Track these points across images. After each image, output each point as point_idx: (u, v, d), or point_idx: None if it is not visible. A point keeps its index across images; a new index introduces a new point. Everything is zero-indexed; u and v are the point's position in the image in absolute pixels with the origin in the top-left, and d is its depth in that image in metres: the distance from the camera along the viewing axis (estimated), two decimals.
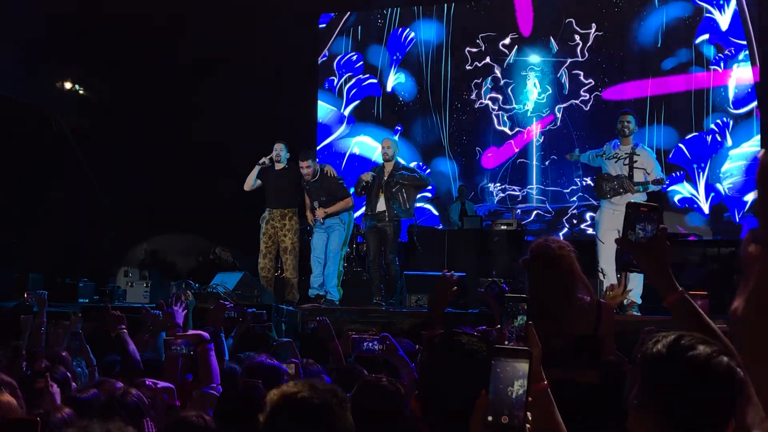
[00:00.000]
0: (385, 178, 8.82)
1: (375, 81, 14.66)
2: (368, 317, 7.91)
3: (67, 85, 13.12)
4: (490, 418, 1.61)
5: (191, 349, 3.84)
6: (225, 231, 11.67)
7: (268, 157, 9.17)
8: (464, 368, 2.09)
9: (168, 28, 12.74)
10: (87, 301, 9.43)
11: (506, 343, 2.04)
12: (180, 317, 4.38)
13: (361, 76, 14.77)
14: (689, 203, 12.57)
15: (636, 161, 8.36)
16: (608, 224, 8.31)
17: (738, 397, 1.71)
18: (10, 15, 11.43)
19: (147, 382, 3.48)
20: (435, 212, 13.82)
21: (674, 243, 10.38)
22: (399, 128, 14.34)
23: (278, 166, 9.27)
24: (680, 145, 12.71)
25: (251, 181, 9.17)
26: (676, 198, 12.58)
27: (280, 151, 9.23)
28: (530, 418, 1.63)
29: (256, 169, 9.17)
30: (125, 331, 4.60)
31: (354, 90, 14.79)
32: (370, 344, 4.28)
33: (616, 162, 8.44)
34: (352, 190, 9.37)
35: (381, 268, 8.89)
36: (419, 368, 2.41)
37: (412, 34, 14.52)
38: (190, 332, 4.00)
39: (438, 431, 2.13)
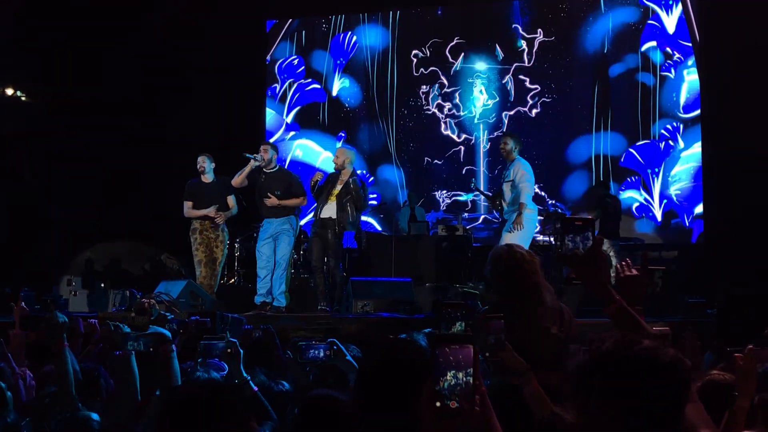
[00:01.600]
0: (339, 187, 8.80)
1: (319, 86, 14.57)
2: (314, 323, 7.89)
3: (9, 91, 12.93)
4: (438, 404, 1.63)
5: (150, 347, 3.74)
6: (171, 238, 11.60)
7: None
8: (399, 375, 2.13)
9: (111, 32, 12.63)
10: (28, 310, 9.24)
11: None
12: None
13: (303, 80, 14.67)
14: (645, 211, 12.75)
15: (507, 176, 8.58)
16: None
17: (688, 386, 1.74)
18: None
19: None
20: (378, 227, 13.70)
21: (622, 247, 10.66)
22: (343, 135, 14.29)
23: (205, 179, 9.24)
24: (631, 150, 12.89)
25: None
26: (635, 206, 12.74)
27: (203, 163, 9.22)
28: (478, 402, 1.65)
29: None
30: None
31: (297, 95, 14.68)
32: (316, 351, 4.33)
33: (503, 186, 8.66)
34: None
35: (325, 274, 8.93)
36: (356, 376, 2.47)
37: (355, 38, 14.50)
38: (151, 330, 3.90)
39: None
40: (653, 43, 12.95)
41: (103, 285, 10.75)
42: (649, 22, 13.00)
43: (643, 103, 12.88)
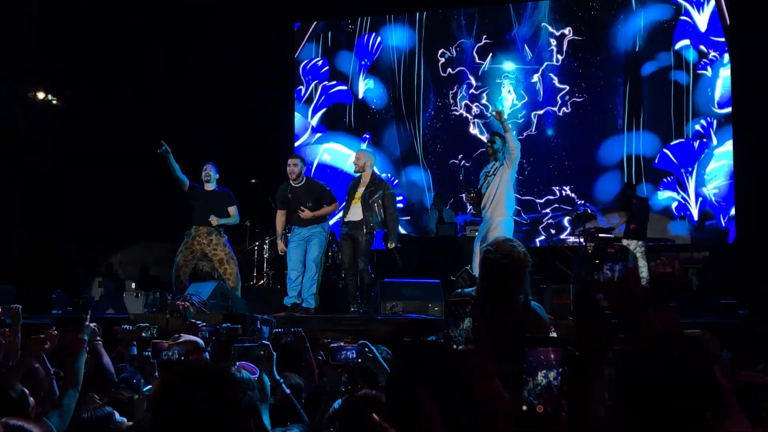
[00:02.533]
0: (362, 189, 8.88)
1: (345, 88, 14.60)
2: (342, 325, 7.93)
3: (40, 95, 13.14)
4: (524, 408, 1.62)
5: (182, 356, 3.80)
6: None
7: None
8: (426, 376, 2.16)
9: (139, 34, 12.79)
10: (60, 312, 9.39)
11: (454, 347, 2.05)
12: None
13: (327, 82, 14.69)
14: (683, 210, 12.62)
15: (490, 172, 8.58)
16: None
17: (715, 393, 1.72)
18: None
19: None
20: (402, 229, 13.47)
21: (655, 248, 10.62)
22: (367, 136, 14.28)
23: (208, 188, 9.37)
24: (665, 150, 12.79)
25: (178, 175, 9.27)
26: (674, 206, 12.64)
27: (209, 171, 9.35)
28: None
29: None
30: (100, 343, 4.55)
31: (322, 97, 14.70)
32: (348, 352, 4.36)
33: (485, 180, 8.60)
34: None
35: (355, 276, 8.97)
36: (387, 378, 2.47)
37: (379, 39, 14.50)
38: (184, 338, 3.90)
39: None
40: (686, 42, 12.84)
41: (134, 286, 10.88)
42: (682, 18, 12.89)
43: (677, 101, 12.77)
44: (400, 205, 13.18)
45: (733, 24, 12.41)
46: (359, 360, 4.17)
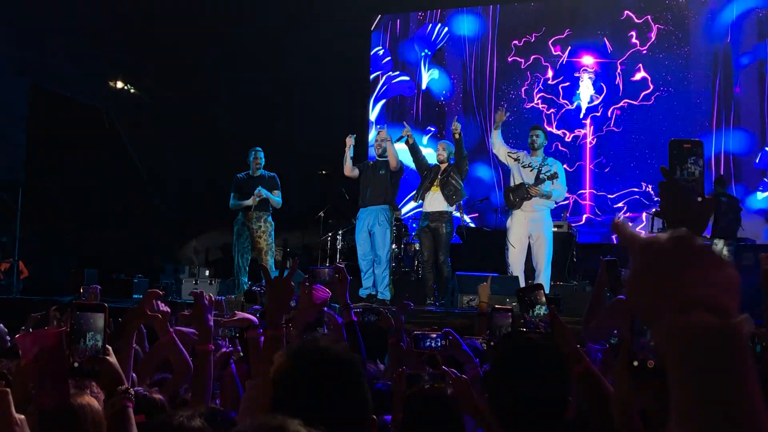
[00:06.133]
0: (440, 176, 9.03)
1: (407, 79, 14.48)
2: (420, 317, 8.01)
3: (119, 84, 13.51)
4: (635, 363, 1.52)
5: (236, 333, 3.83)
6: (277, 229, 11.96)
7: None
8: (529, 366, 2.22)
9: (217, 27, 13.04)
10: (141, 297, 9.69)
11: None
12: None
13: (391, 72, 14.61)
14: None
15: (544, 171, 8.74)
16: (521, 230, 8.85)
17: None
18: (65, 16, 11.86)
19: None
20: (472, 224, 13.17)
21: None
22: (432, 129, 14.17)
23: (256, 173, 9.67)
24: (767, 148, 12.34)
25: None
26: None
27: (259, 156, 9.66)
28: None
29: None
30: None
31: (384, 87, 14.59)
32: (432, 341, 4.43)
33: (531, 171, 8.75)
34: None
35: (433, 270, 9.04)
36: (489, 366, 2.52)
37: (446, 29, 14.29)
38: (239, 316, 3.96)
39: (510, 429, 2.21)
40: None
41: (207, 273, 11.14)
42: None
43: None
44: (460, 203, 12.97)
45: None
46: (443, 348, 4.24)
